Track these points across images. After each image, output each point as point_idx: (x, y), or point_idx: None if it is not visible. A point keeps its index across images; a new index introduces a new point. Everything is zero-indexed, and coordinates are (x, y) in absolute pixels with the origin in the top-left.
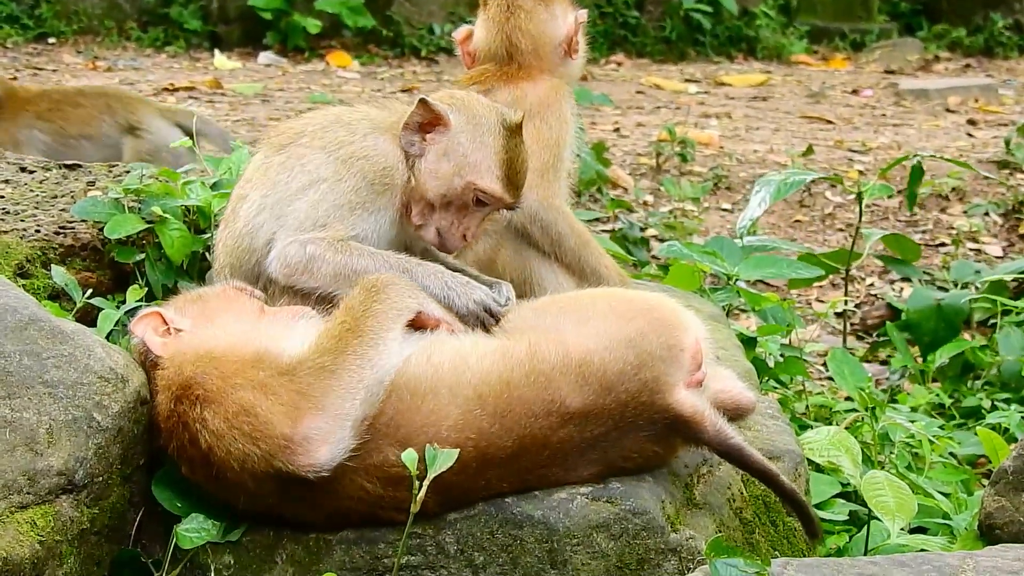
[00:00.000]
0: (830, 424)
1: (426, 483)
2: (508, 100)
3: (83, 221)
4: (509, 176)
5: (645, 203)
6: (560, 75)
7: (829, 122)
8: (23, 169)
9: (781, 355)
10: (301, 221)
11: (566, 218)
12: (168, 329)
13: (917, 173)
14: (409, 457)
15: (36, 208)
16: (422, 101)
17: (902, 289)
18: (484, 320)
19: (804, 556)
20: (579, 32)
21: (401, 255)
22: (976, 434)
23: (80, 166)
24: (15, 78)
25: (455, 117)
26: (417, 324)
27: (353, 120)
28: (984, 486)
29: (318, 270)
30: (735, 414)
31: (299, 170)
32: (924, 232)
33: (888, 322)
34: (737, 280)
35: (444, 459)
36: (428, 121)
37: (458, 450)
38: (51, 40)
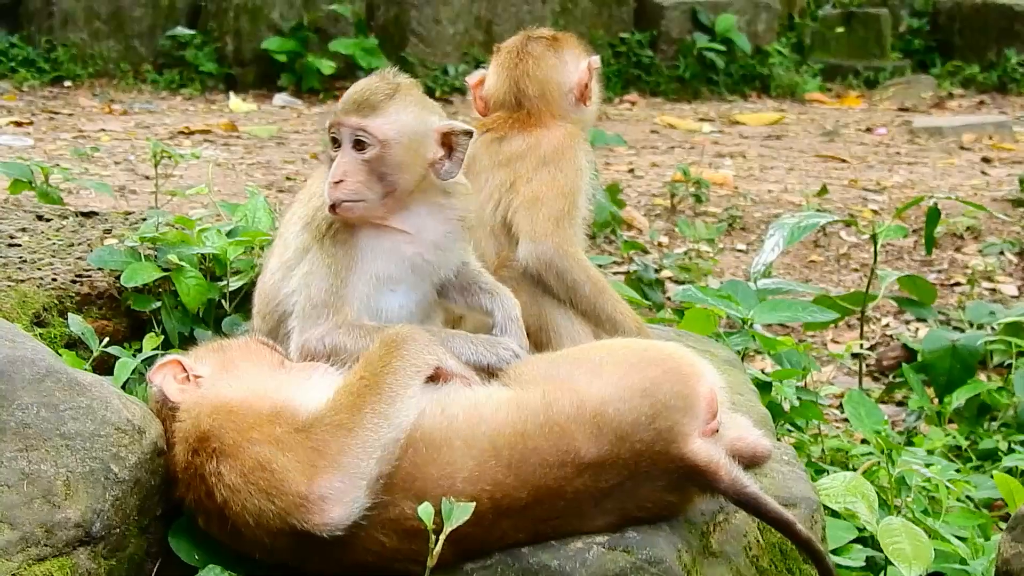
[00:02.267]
0: (847, 468)
1: (442, 537)
2: (522, 147)
3: (99, 269)
4: None
5: (660, 244)
6: (573, 121)
7: (843, 161)
8: (40, 217)
9: (797, 399)
10: (308, 312)
11: (582, 265)
12: (187, 376)
13: (934, 216)
14: (425, 512)
15: (53, 256)
16: None
17: (917, 329)
18: None
19: None
20: (592, 79)
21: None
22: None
23: (96, 214)
24: (31, 122)
25: None
26: (434, 377)
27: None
28: (1002, 529)
29: (341, 358)
30: (751, 462)
31: (282, 247)
32: (939, 271)
33: (904, 363)
34: (752, 324)
35: (460, 513)
36: None
37: (474, 503)
38: (67, 83)
